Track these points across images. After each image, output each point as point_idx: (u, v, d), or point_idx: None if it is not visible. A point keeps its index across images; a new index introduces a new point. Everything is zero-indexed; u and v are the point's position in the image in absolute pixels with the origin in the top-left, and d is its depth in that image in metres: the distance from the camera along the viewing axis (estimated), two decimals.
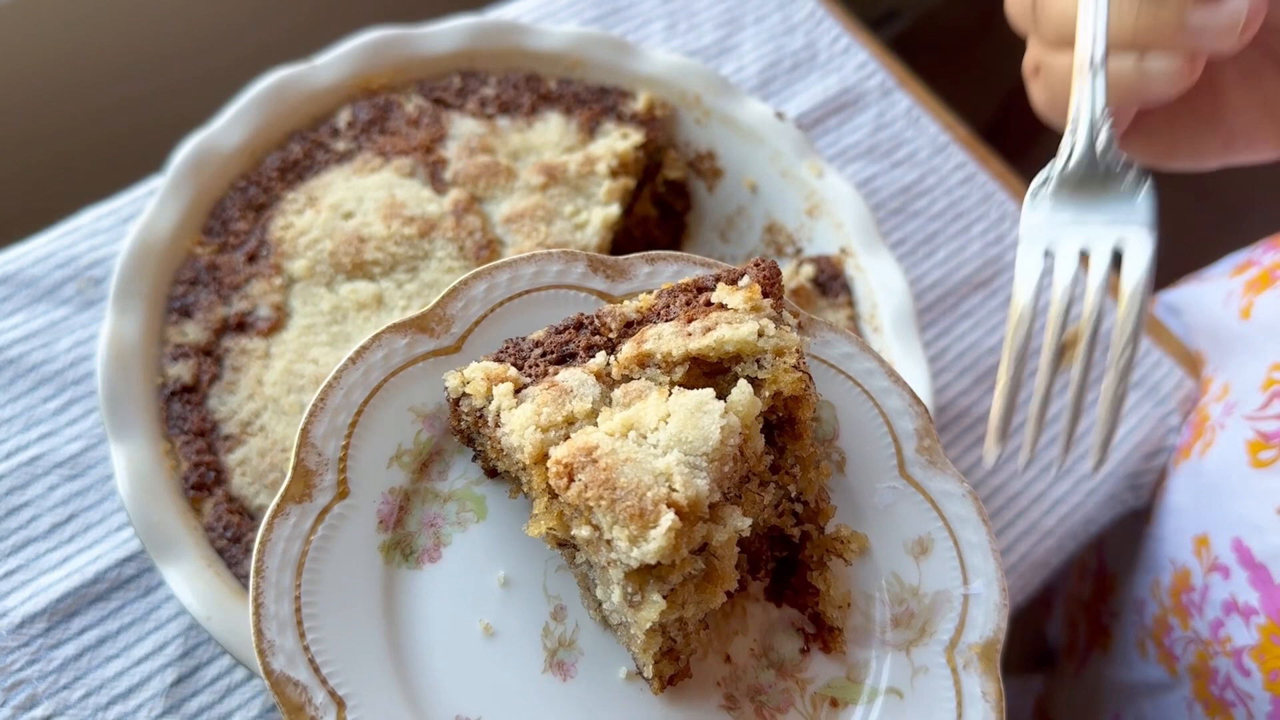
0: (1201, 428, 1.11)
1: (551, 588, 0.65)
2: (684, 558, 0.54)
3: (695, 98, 1.01)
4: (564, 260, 0.69)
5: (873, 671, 0.65)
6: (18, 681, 0.81)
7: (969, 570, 0.66)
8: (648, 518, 0.52)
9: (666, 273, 0.70)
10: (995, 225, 1.23)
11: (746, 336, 0.58)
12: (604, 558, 0.55)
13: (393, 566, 0.64)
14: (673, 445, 0.55)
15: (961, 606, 0.65)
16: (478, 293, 0.68)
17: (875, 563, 0.67)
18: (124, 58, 1.43)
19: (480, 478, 0.67)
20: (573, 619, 0.64)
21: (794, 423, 0.61)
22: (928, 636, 0.65)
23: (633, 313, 0.64)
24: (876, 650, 0.65)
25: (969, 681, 0.63)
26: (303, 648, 0.59)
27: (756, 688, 0.64)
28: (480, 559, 0.65)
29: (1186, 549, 1.04)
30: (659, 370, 0.60)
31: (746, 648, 0.65)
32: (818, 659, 0.65)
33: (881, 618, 0.66)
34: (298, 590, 0.60)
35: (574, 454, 0.55)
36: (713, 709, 0.63)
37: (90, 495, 0.89)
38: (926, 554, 0.67)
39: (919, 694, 0.63)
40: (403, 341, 0.66)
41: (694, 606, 0.57)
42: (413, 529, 0.65)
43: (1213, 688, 1.01)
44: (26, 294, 0.96)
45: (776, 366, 0.59)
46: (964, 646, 0.64)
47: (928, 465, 0.68)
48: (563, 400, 0.58)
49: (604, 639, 0.64)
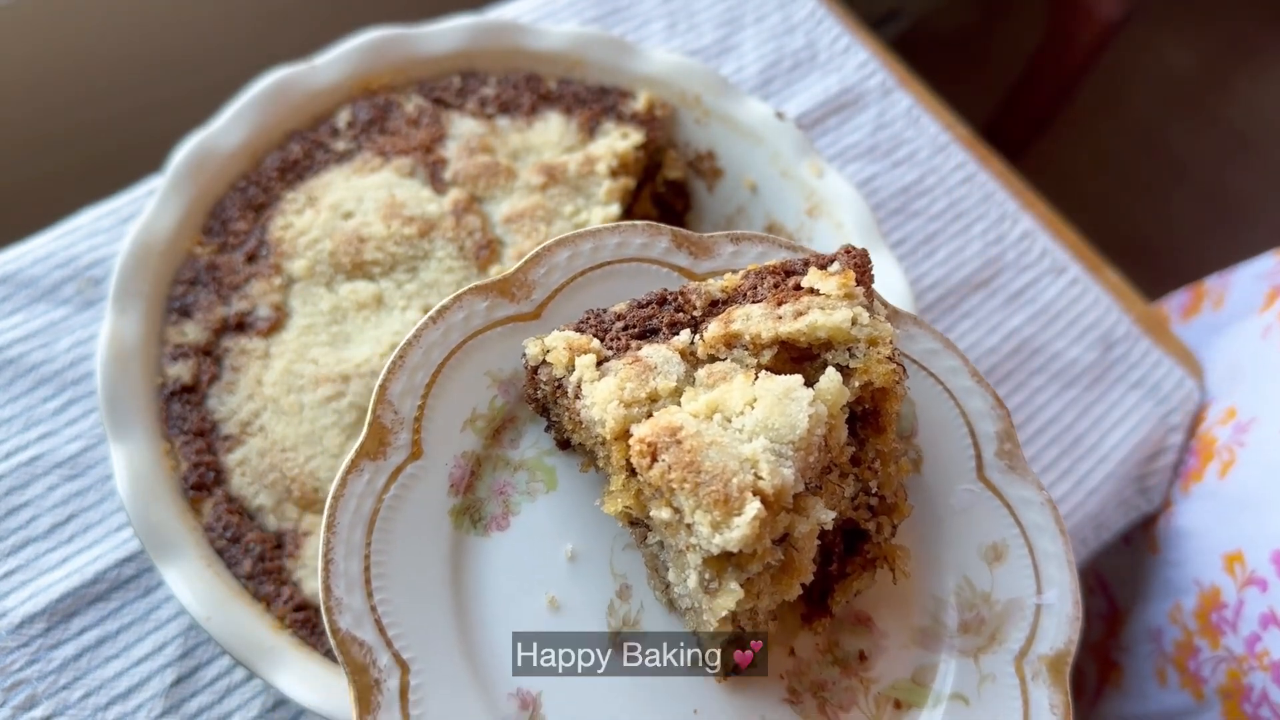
0: (1209, 451, 1.12)
1: (619, 566, 0.64)
2: (765, 548, 0.52)
3: (695, 98, 1.01)
4: (648, 233, 0.68)
5: (939, 676, 0.63)
6: (17, 682, 0.81)
7: (1043, 580, 0.65)
8: (732, 504, 0.50)
9: (751, 253, 0.69)
10: (995, 225, 1.23)
11: (840, 323, 0.57)
12: (682, 541, 0.54)
13: (461, 532, 0.63)
14: (759, 431, 0.53)
15: (1034, 616, 0.64)
16: (560, 260, 0.66)
17: (947, 566, 0.66)
18: (124, 58, 1.43)
19: (552, 449, 0.66)
20: (638, 599, 0.63)
21: (879, 415, 0.60)
22: (997, 644, 0.64)
23: (718, 292, 0.63)
24: (944, 654, 0.64)
25: (1037, 693, 0.62)
26: (370, 607, 0.58)
27: (820, 683, 0.63)
28: (548, 531, 0.64)
29: (1215, 567, 1.05)
30: (746, 352, 0.59)
31: (812, 642, 0.64)
32: (883, 658, 0.64)
33: (951, 622, 0.65)
34: (367, 549, 0.59)
35: (658, 433, 0.53)
36: (775, 701, 0.62)
37: (90, 495, 0.89)
38: (1001, 560, 0.66)
39: (985, 702, 0.62)
40: (483, 304, 0.65)
41: (769, 597, 0.56)
42: (482, 495, 0.64)
43: (1246, 706, 1.00)
44: (26, 294, 0.96)
45: (869, 356, 0.57)
46: (1034, 657, 0.63)
47: (1007, 470, 0.67)
48: (647, 376, 0.57)
49: (669, 621, 0.63)
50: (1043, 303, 1.19)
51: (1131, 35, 2.23)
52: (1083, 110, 2.51)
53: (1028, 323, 1.17)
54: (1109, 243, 1.42)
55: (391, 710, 0.56)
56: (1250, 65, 2.69)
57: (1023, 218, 1.24)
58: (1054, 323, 1.18)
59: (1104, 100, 2.59)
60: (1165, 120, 2.62)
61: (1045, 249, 1.22)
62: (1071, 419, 1.13)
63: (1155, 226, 2.44)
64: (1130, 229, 2.39)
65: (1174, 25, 2.69)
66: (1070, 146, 2.51)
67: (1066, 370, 1.15)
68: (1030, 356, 1.15)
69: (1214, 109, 2.63)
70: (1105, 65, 2.19)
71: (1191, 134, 2.60)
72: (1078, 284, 1.21)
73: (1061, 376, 1.15)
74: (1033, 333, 1.17)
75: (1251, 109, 2.62)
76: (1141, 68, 2.67)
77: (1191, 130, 2.60)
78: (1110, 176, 2.54)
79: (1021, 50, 2.23)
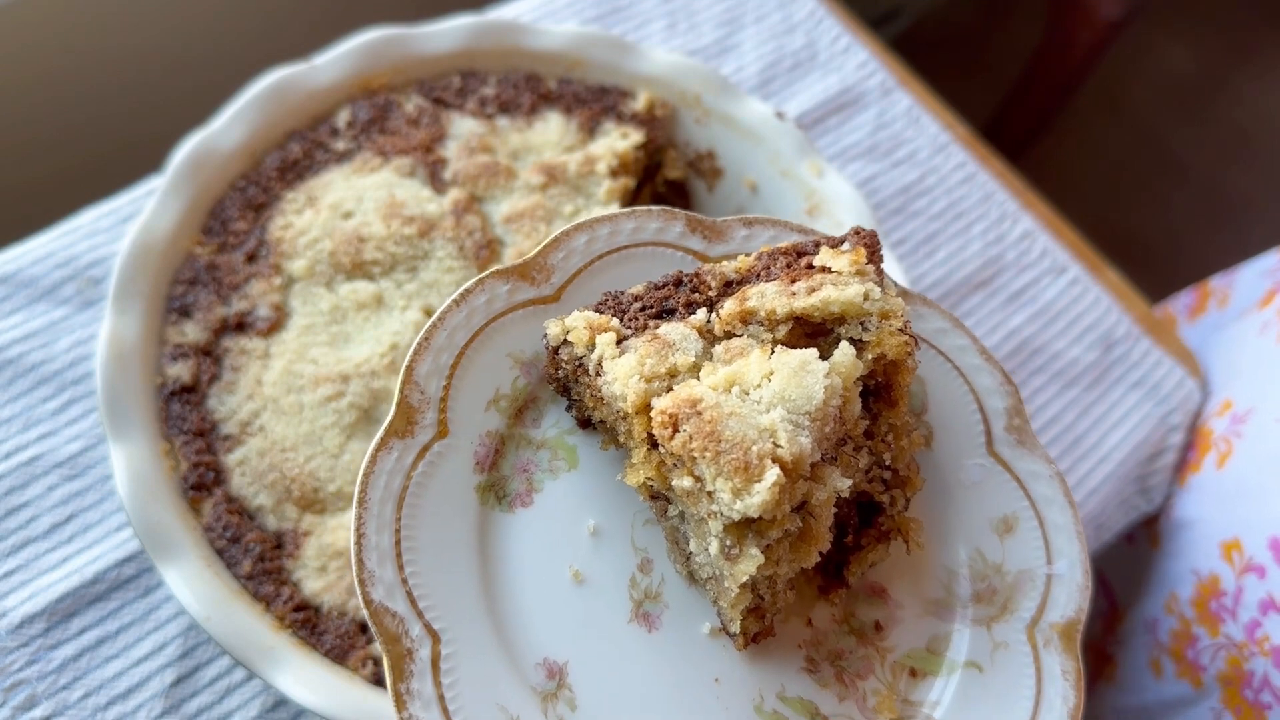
0: (1206, 443, 1.12)
1: (639, 540, 0.66)
2: (784, 514, 0.54)
3: (695, 97, 1.01)
4: (663, 218, 0.70)
5: (953, 644, 0.65)
6: (17, 682, 0.81)
7: (1053, 550, 0.67)
8: (753, 471, 0.52)
9: (763, 236, 0.70)
10: (995, 225, 1.23)
11: (853, 298, 0.59)
12: (704, 509, 0.56)
13: (487, 508, 0.65)
14: (776, 402, 0.55)
15: (1044, 586, 0.66)
16: (578, 244, 0.68)
17: (959, 538, 0.68)
18: (123, 58, 1.43)
19: (573, 428, 0.68)
20: (659, 572, 0.65)
21: (891, 389, 0.61)
22: (1009, 613, 0.66)
23: (732, 272, 0.65)
24: (958, 624, 0.66)
25: (1049, 659, 0.64)
26: (401, 580, 0.60)
27: (837, 652, 0.65)
28: (571, 507, 0.66)
29: (1214, 556, 1.05)
30: (761, 328, 0.60)
31: (829, 613, 0.66)
32: (899, 628, 0.66)
33: (964, 593, 0.67)
34: (398, 524, 0.61)
35: (679, 405, 0.55)
36: (794, 670, 0.64)
37: (90, 495, 0.89)
38: (1011, 532, 0.67)
39: (998, 669, 0.64)
40: (505, 287, 0.66)
41: (787, 564, 0.58)
42: (507, 473, 0.66)
43: (1246, 692, 1.01)
44: (26, 294, 0.96)
45: (882, 329, 0.59)
46: (1045, 625, 0.65)
47: (1016, 445, 0.69)
48: (665, 353, 0.59)
49: (689, 594, 0.65)
50: (1043, 303, 1.19)
51: (1131, 35, 2.23)
52: (1083, 110, 2.51)
53: (1028, 323, 1.17)
54: (1109, 243, 1.42)
55: (424, 678, 0.58)
56: (1250, 65, 2.69)
57: (1023, 218, 1.24)
58: (1054, 323, 1.18)
59: (1104, 100, 2.59)
60: (1165, 120, 2.62)
61: (1045, 249, 1.22)
62: (1072, 419, 1.13)
63: (1155, 226, 2.44)
64: (1130, 229, 2.39)
65: (1174, 25, 2.69)
66: (1070, 146, 2.51)
67: (1067, 370, 1.15)
68: (1030, 356, 1.15)
69: (1214, 109, 2.63)
70: (1105, 65, 2.19)
71: (1191, 134, 2.60)
72: (1078, 284, 1.21)
73: (1062, 376, 1.15)
74: (1033, 333, 1.17)
75: (1251, 109, 2.62)
76: (1141, 68, 2.67)
77: (1191, 130, 2.61)
78: (1110, 177, 2.54)
79: (1021, 50, 2.23)
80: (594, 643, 0.62)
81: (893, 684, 0.64)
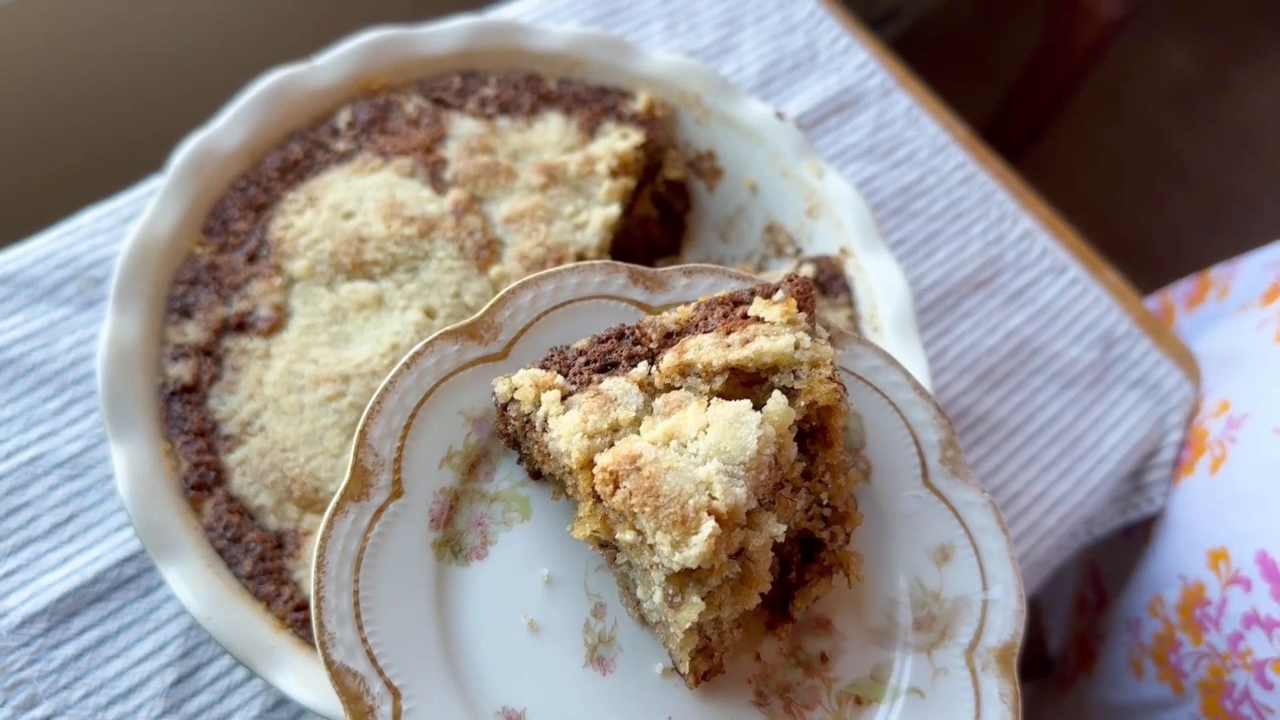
0: (1201, 444, 1.11)
1: (592, 586, 0.68)
2: (723, 562, 0.56)
3: (695, 98, 1.01)
4: (605, 272, 0.72)
5: (895, 671, 0.67)
6: (18, 681, 0.81)
7: (988, 577, 0.69)
8: (689, 524, 0.54)
9: (703, 285, 0.72)
10: (995, 225, 1.23)
11: (784, 349, 0.61)
12: (646, 561, 0.58)
13: (443, 563, 0.67)
14: (712, 454, 0.57)
15: (981, 611, 0.68)
16: (524, 301, 0.70)
17: (899, 568, 0.70)
18: (124, 58, 1.43)
19: (525, 479, 0.70)
20: (612, 616, 0.67)
21: (826, 431, 0.63)
22: (948, 639, 0.68)
23: (672, 324, 0.67)
24: (900, 651, 0.68)
25: (987, 683, 0.66)
26: (361, 640, 0.61)
27: (785, 685, 0.67)
28: (525, 557, 0.68)
29: (1200, 563, 1.05)
30: (699, 380, 0.63)
31: (776, 647, 0.68)
32: (843, 658, 0.68)
33: (905, 621, 0.69)
34: (356, 585, 0.62)
35: (619, 462, 0.57)
36: (744, 705, 0.66)
37: (90, 495, 0.89)
38: (948, 560, 0.70)
39: (939, 694, 0.66)
40: (454, 348, 0.68)
41: (730, 607, 0.60)
42: (461, 527, 0.68)
43: (1226, 702, 1.01)
44: (26, 294, 0.96)
45: (812, 377, 0.61)
46: (983, 649, 0.67)
47: (950, 475, 0.71)
48: (608, 408, 0.61)
49: (641, 636, 0.67)
50: (1043, 303, 1.19)
51: (1131, 35, 2.23)
52: (1083, 110, 2.51)
53: (1028, 323, 1.17)
54: (1109, 243, 1.42)
55: None
56: (1250, 65, 2.69)
57: (1023, 218, 1.24)
58: (1054, 323, 1.18)
59: (1104, 100, 2.59)
60: (1165, 120, 2.62)
61: (1045, 249, 1.22)
62: (1071, 419, 1.13)
63: (1155, 226, 2.44)
64: (1130, 229, 2.39)
65: (1174, 25, 2.69)
66: (1070, 146, 2.51)
67: (1066, 370, 1.15)
68: (1030, 356, 1.15)
69: (1214, 109, 2.63)
70: (1105, 65, 2.20)
71: (1191, 134, 2.60)
72: (1078, 284, 1.21)
73: (1061, 376, 1.15)
74: (1033, 332, 1.17)
75: (1252, 109, 2.62)
76: (1141, 68, 2.67)
77: (1191, 130, 2.61)
78: (1110, 176, 2.54)
79: (1021, 50, 2.23)
80: (551, 689, 0.64)
81: (839, 713, 0.66)
